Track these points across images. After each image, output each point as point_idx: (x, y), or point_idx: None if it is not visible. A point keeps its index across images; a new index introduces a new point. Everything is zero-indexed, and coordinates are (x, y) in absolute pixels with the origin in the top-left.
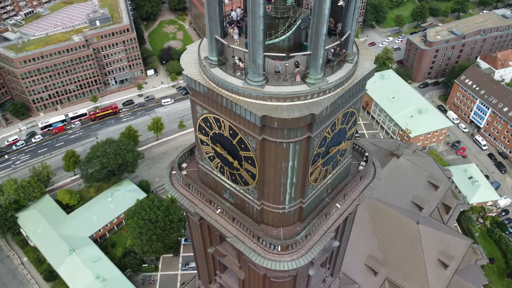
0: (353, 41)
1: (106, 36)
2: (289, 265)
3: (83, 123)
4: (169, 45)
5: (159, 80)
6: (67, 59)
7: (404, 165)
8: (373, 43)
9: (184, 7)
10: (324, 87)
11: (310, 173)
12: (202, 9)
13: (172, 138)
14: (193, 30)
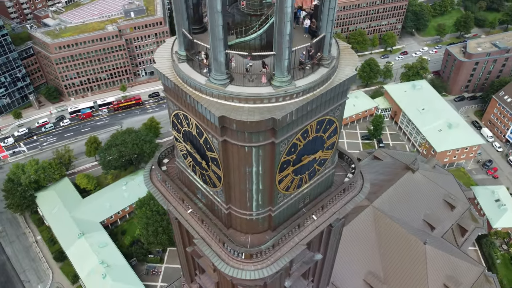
0: (330, 44)
1: (139, 27)
2: (252, 274)
3: (110, 111)
4: None
5: None
6: (99, 48)
7: (419, 180)
8: (405, 52)
9: None
10: (291, 91)
11: (279, 181)
12: None
13: None
14: None
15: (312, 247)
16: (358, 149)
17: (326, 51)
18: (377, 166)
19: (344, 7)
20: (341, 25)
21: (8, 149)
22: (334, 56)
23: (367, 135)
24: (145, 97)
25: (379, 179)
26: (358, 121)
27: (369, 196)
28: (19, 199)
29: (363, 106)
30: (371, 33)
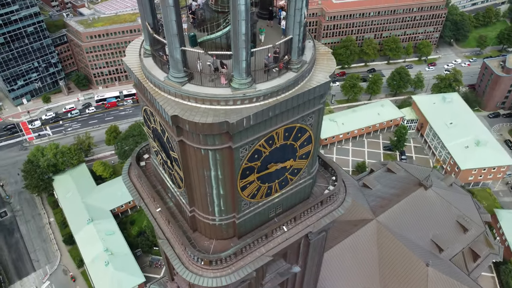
0: (299, 48)
1: None
2: (210, 281)
3: (134, 102)
4: None
5: None
6: (129, 39)
7: (431, 198)
8: (433, 63)
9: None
10: (250, 94)
11: (242, 187)
12: None
13: None
14: None
15: (289, 258)
16: (379, 159)
17: (295, 54)
18: (388, 179)
19: (378, 12)
20: (375, 31)
21: (35, 131)
22: (306, 60)
23: (390, 146)
24: None
25: (388, 192)
26: (381, 130)
27: (375, 210)
28: (36, 180)
29: (388, 115)
30: (405, 41)
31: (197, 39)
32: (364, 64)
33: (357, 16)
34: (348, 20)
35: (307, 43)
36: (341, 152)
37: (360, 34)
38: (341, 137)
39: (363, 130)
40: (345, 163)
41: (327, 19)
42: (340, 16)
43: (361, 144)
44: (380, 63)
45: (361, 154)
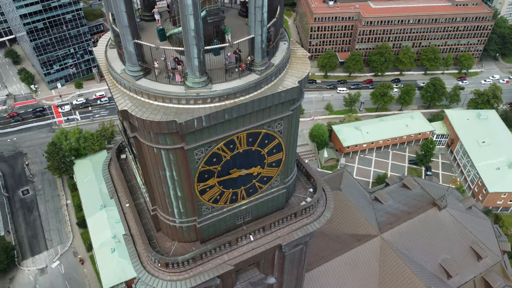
0: (262, 49)
1: None
2: (164, 284)
3: None
4: None
5: None
6: None
7: (445, 219)
8: (463, 77)
9: (293, 2)
10: (204, 94)
11: (201, 191)
12: (305, 7)
13: None
14: (295, 27)
15: (263, 269)
16: (403, 173)
17: (259, 56)
18: (402, 195)
19: (419, 20)
20: (413, 39)
21: (64, 115)
22: (274, 63)
23: (415, 160)
24: None
25: (399, 209)
26: (409, 143)
27: (382, 226)
28: (58, 163)
29: (417, 128)
30: (445, 52)
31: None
32: (400, 73)
33: (395, 23)
34: (385, 27)
35: (281, 44)
36: (363, 161)
37: (397, 41)
38: (364, 146)
39: (388, 141)
40: (366, 174)
41: (363, 24)
42: (378, 21)
43: (385, 155)
44: (416, 73)
45: (384, 166)
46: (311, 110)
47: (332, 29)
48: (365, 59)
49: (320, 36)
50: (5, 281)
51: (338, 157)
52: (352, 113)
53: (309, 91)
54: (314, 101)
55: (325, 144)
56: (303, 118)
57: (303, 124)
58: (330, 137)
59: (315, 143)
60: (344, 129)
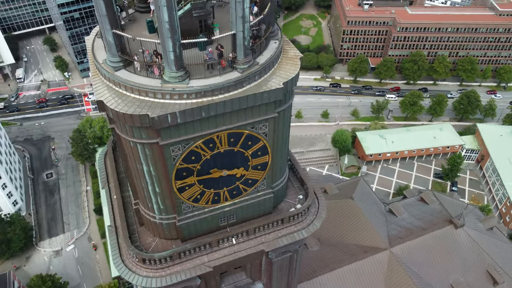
0: (245, 46)
1: None
2: (140, 279)
3: None
4: (297, 39)
5: None
6: None
7: (461, 239)
8: (494, 91)
9: (329, 4)
10: (181, 89)
11: (180, 189)
12: (340, 10)
13: None
14: (328, 30)
15: (251, 273)
16: (427, 186)
17: (241, 53)
18: (418, 209)
19: (457, 28)
20: (450, 48)
21: (93, 103)
22: (259, 62)
23: (441, 174)
24: None
25: (413, 224)
26: (436, 156)
27: (392, 240)
28: (81, 149)
29: (445, 140)
30: (484, 63)
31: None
32: (433, 82)
33: (432, 30)
34: (421, 33)
35: (271, 43)
36: (386, 171)
37: (432, 49)
38: (388, 156)
39: (414, 152)
40: (387, 184)
41: (398, 30)
42: (413, 28)
43: (410, 166)
44: (451, 83)
45: (408, 178)
46: (337, 115)
47: (365, 33)
48: (398, 66)
49: (352, 40)
50: (21, 259)
51: (359, 164)
52: (379, 120)
53: (336, 95)
54: (341, 106)
55: (347, 151)
56: (328, 122)
57: (327, 128)
58: (354, 143)
59: (337, 148)
60: (368, 137)
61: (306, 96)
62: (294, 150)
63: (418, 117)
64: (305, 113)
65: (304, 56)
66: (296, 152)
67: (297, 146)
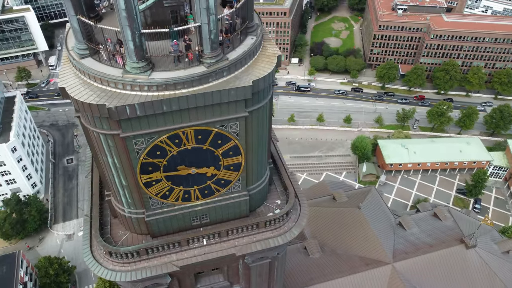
0: (211, 39)
1: (263, 13)
2: (105, 272)
3: None
4: (326, 41)
5: (300, 70)
6: None
7: (471, 260)
8: None
9: (363, 8)
10: (141, 81)
11: (146, 184)
12: (372, 13)
13: (278, 128)
14: (360, 34)
15: (229, 276)
16: (447, 201)
17: (207, 47)
18: (429, 225)
19: (496, 39)
20: (486, 59)
21: None
22: (228, 57)
23: (464, 189)
24: None
25: (421, 239)
26: (460, 170)
27: (397, 254)
28: None
29: (472, 155)
30: None
31: None
32: (466, 94)
33: (468, 39)
34: (456, 42)
35: (248, 39)
36: (405, 182)
37: (467, 59)
38: (409, 167)
39: (437, 165)
40: (406, 196)
41: (432, 37)
42: (448, 36)
43: (431, 179)
44: (484, 95)
45: (428, 191)
46: (360, 121)
47: (396, 39)
48: (429, 75)
49: (383, 45)
50: (35, 240)
51: (378, 173)
52: (404, 129)
53: (361, 101)
54: (365, 112)
55: (366, 158)
56: (350, 128)
57: (348, 134)
58: (375, 151)
59: (357, 155)
60: (390, 145)
61: (331, 99)
62: (312, 153)
63: (446, 128)
64: (328, 117)
65: (332, 59)
66: (314, 156)
67: (315, 150)
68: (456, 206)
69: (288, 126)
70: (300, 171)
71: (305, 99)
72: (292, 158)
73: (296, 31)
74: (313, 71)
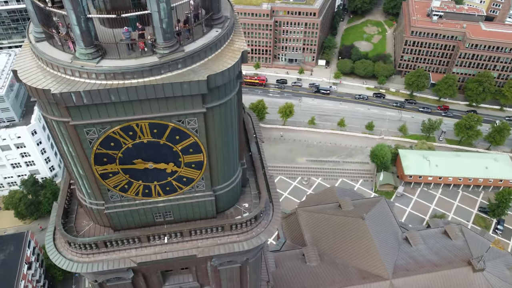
0: (163, 29)
1: (292, 13)
2: (62, 261)
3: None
4: (356, 44)
5: (326, 72)
6: (248, 22)
7: (478, 284)
8: None
9: (398, 12)
10: (89, 68)
11: (102, 175)
12: (406, 19)
13: (297, 129)
14: (393, 39)
15: (198, 277)
16: (468, 219)
17: (160, 36)
18: (437, 243)
19: None
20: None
21: None
22: (184, 49)
23: (487, 208)
24: (272, 80)
25: (426, 257)
26: (485, 188)
27: (397, 270)
28: None
29: (498, 173)
30: None
31: None
32: (500, 108)
33: (506, 51)
34: (493, 53)
35: (212, 31)
36: (424, 196)
37: (504, 72)
38: (430, 180)
39: (460, 180)
40: (424, 210)
41: (467, 46)
42: (484, 46)
43: (452, 195)
44: None
45: (448, 206)
46: (383, 128)
47: (429, 46)
48: (461, 85)
49: (414, 52)
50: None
51: (396, 184)
52: (429, 140)
53: (386, 108)
54: (389, 119)
55: (385, 167)
56: (372, 135)
57: (369, 141)
58: (395, 161)
59: (375, 163)
60: (410, 156)
61: (355, 104)
62: (329, 158)
63: (474, 143)
64: (350, 122)
65: (360, 63)
66: (331, 161)
67: (333, 155)
68: (477, 225)
69: (307, 128)
70: (315, 175)
71: (328, 103)
72: (308, 161)
73: (325, 33)
74: (339, 74)
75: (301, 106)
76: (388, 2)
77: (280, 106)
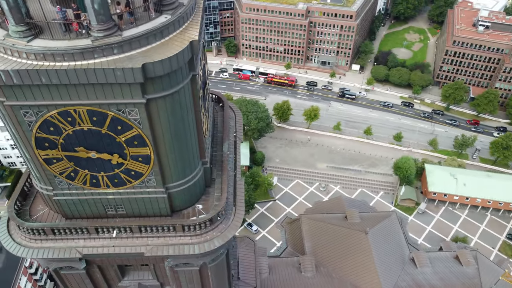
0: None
1: (328, 14)
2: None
3: (265, 81)
4: (394, 51)
5: (359, 77)
6: (283, 21)
7: None
8: None
9: (443, 20)
10: (19, 47)
11: (46, 160)
12: (449, 27)
13: (321, 134)
14: (435, 48)
15: (157, 276)
16: (493, 245)
17: (93, 18)
18: (445, 267)
19: None
20: None
21: None
22: (122, 34)
23: None
24: (302, 82)
25: (430, 282)
26: None
27: None
28: None
29: None
30: None
31: None
32: None
33: None
34: None
35: (161, 18)
36: (448, 215)
37: None
38: (456, 199)
39: (489, 203)
40: (445, 231)
41: None
42: None
43: (479, 217)
44: None
45: (473, 230)
46: (412, 140)
47: (471, 57)
48: (503, 102)
49: (455, 63)
50: None
51: (419, 200)
52: (460, 157)
53: (418, 119)
54: (419, 132)
55: (408, 181)
56: (399, 146)
57: (396, 152)
58: (421, 175)
59: (398, 176)
60: (437, 171)
61: (385, 113)
62: (351, 166)
63: (511, 164)
64: (377, 131)
65: (396, 71)
66: (353, 170)
67: (355, 164)
68: (503, 253)
69: (332, 133)
70: (334, 182)
71: (357, 109)
72: (329, 167)
73: (363, 37)
74: (372, 80)
75: (329, 111)
76: (434, 9)
77: (305, 109)
